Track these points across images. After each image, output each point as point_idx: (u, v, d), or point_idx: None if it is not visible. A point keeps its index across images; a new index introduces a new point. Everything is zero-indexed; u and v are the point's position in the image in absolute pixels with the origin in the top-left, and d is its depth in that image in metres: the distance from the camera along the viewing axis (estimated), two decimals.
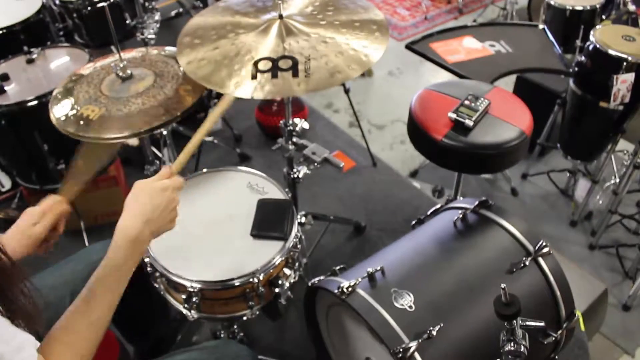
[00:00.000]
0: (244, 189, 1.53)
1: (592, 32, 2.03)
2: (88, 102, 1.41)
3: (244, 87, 1.23)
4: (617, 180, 2.24)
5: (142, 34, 2.32)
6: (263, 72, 1.25)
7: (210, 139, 2.61)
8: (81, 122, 1.35)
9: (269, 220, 1.42)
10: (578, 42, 2.19)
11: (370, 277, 1.20)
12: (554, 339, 1.22)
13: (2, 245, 0.80)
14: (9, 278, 0.79)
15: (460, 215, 1.35)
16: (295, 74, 1.23)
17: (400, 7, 4.09)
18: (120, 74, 1.47)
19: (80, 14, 2.35)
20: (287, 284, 1.40)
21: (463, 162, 1.59)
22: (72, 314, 0.89)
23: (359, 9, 1.42)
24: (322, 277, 1.30)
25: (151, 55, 1.60)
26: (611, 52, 1.93)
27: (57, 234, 1.20)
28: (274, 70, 1.25)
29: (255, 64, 1.27)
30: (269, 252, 1.36)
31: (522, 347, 0.94)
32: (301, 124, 1.65)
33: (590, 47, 2.01)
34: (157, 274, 1.37)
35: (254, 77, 1.24)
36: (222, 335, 1.64)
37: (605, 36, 1.99)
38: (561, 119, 2.31)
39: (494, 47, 2.13)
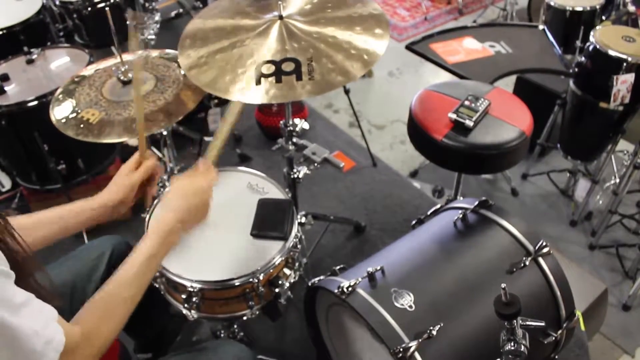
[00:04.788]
0: (244, 189, 1.53)
1: (592, 33, 2.04)
2: (89, 105, 1.41)
3: (250, 92, 1.23)
4: (617, 180, 2.24)
5: (142, 35, 2.32)
6: (267, 76, 1.24)
7: (209, 139, 2.60)
8: (81, 126, 1.35)
9: (269, 220, 1.42)
10: (578, 43, 2.19)
11: (370, 277, 1.20)
12: (554, 338, 1.22)
13: (19, 238, 0.82)
14: (26, 268, 0.82)
15: (460, 215, 1.35)
16: (299, 77, 1.23)
17: (400, 7, 4.10)
18: (122, 77, 1.46)
19: (81, 15, 2.35)
20: (287, 284, 1.40)
21: (463, 162, 1.60)
22: (111, 286, 0.94)
23: (357, 4, 1.42)
24: (322, 277, 1.31)
25: (153, 58, 1.60)
26: (611, 52, 1.93)
27: (151, 190, 1.22)
28: (278, 74, 1.24)
29: (259, 68, 1.26)
30: (269, 252, 1.36)
31: (522, 347, 0.94)
32: (301, 124, 1.65)
33: (590, 48, 2.01)
34: (157, 274, 1.37)
35: (258, 82, 1.24)
36: (222, 335, 1.64)
37: (605, 37, 1.99)
38: (561, 119, 2.32)
39: (494, 48, 2.14)
